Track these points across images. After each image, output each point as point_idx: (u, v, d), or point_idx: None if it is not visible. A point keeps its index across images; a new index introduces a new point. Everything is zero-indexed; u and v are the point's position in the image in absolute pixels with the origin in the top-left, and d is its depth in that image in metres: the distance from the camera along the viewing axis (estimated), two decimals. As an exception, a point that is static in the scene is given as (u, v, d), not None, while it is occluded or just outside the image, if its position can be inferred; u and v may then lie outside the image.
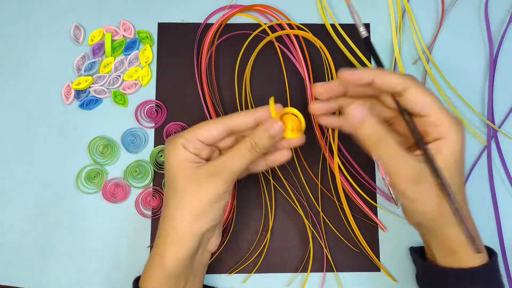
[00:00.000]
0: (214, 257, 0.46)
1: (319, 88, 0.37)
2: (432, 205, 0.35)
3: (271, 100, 0.36)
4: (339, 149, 0.47)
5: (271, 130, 0.36)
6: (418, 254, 0.41)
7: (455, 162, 0.34)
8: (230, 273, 0.46)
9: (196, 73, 0.49)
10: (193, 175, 0.36)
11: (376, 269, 0.46)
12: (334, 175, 0.47)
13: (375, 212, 0.47)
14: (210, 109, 0.48)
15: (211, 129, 0.36)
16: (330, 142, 0.47)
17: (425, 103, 0.34)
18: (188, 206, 0.36)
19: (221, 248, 0.46)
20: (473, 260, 0.36)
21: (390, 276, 0.46)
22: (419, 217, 0.36)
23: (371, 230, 0.47)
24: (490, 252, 0.38)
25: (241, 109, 0.48)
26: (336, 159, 0.46)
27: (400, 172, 0.34)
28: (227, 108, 0.49)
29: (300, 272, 0.46)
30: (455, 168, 0.35)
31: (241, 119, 0.37)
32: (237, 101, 0.49)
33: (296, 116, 0.38)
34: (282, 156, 0.39)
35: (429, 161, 0.34)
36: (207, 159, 0.38)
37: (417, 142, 0.35)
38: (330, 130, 0.48)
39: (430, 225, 0.37)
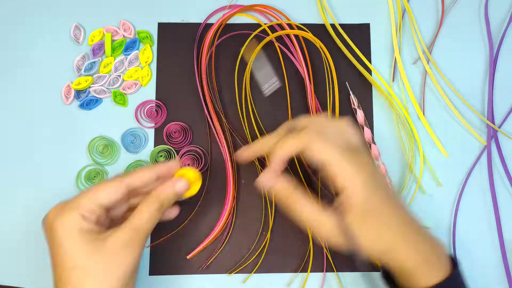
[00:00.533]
0: (214, 257, 0.46)
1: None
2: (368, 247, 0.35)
3: (177, 160, 0.39)
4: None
5: (177, 188, 0.37)
6: (385, 278, 0.40)
7: (363, 208, 0.34)
8: (230, 273, 0.46)
9: (196, 73, 0.49)
10: (106, 249, 0.31)
11: (376, 269, 0.46)
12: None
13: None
14: (210, 109, 0.48)
15: (112, 191, 0.33)
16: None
17: (321, 159, 0.34)
18: (107, 286, 0.31)
19: (221, 248, 0.46)
20: (432, 278, 0.35)
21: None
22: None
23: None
24: (455, 263, 0.37)
25: (241, 109, 0.48)
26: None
27: (317, 229, 0.35)
28: (227, 108, 0.49)
29: (300, 272, 0.46)
30: (367, 213, 0.34)
31: (143, 176, 0.36)
32: (237, 101, 0.49)
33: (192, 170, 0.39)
34: (171, 213, 0.40)
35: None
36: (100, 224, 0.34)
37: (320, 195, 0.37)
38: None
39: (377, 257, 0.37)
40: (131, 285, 0.33)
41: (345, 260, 0.46)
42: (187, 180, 0.38)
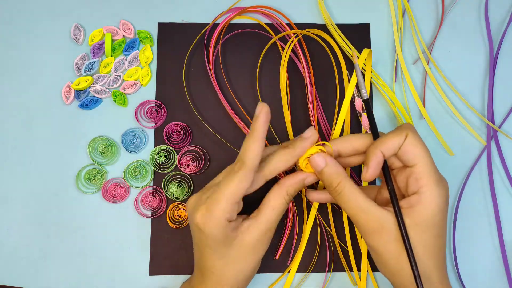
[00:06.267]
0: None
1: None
2: (392, 260, 0.35)
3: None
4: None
5: (307, 183, 0.37)
6: None
7: (428, 220, 0.34)
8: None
9: (209, 71, 0.49)
10: (243, 244, 0.36)
11: (376, 269, 0.46)
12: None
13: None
14: (212, 109, 0.48)
15: (249, 186, 0.35)
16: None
17: (415, 154, 0.34)
18: (245, 271, 0.37)
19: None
20: None
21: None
22: (380, 267, 0.37)
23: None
24: None
25: (244, 108, 0.48)
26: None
27: (360, 221, 0.35)
28: (232, 107, 0.49)
29: (301, 272, 0.46)
30: (426, 227, 0.34)
31: (281, 168, 0.36)
32: (238, 103, 0.49)
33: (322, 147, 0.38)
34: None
35: (396, 216, 0.34)
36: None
37: (389, 194, 0.35)
38: (332, 138, 0.48)
39: (391, 280, 0.37)
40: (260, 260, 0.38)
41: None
42: (314, 174, 0.37)
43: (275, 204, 0.36)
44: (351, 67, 0.50)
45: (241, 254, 0.36)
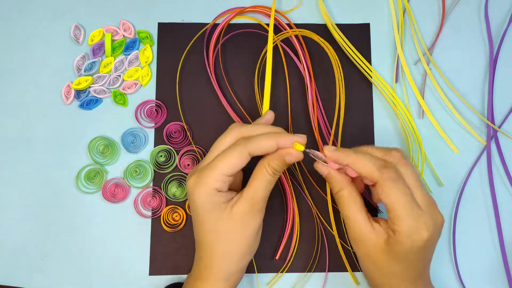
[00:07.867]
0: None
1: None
2: (366, 269, 0.39)
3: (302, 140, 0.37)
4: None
5: (289, 158, 0.37)
6: None
7: (401, 255, 0.36)
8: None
9: (209, 70, 0.49)
10: (232, 217, 0.36)
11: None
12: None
13: (375, 214, 0.47)
14: (212, 109, 0.48)
15: (237, 163, 0.36)
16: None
17: (387, 203, 0.35)
18: (236, 248, 0.37)
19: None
20: None
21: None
22: (363, 270, 0.40)
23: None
24: None
25: (244, 108, 0.48)
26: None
27: (347, 227, 0.38)
28: (232, 107, 0.49)
29: (301, 272, 0.46)
30: (399, 259, 0.36)
31: (265, 146, 0.36)
32: (239, 103, 0.49)
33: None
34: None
35: None
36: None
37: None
38: (332, 138, 0.48)
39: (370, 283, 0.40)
40: (257, 242, 0.39)
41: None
42: (299, 152, 0.37)
43: (258, 175, 0.37)
44: (351, 66, 0.50)
45: (231, 227, 0.36)
